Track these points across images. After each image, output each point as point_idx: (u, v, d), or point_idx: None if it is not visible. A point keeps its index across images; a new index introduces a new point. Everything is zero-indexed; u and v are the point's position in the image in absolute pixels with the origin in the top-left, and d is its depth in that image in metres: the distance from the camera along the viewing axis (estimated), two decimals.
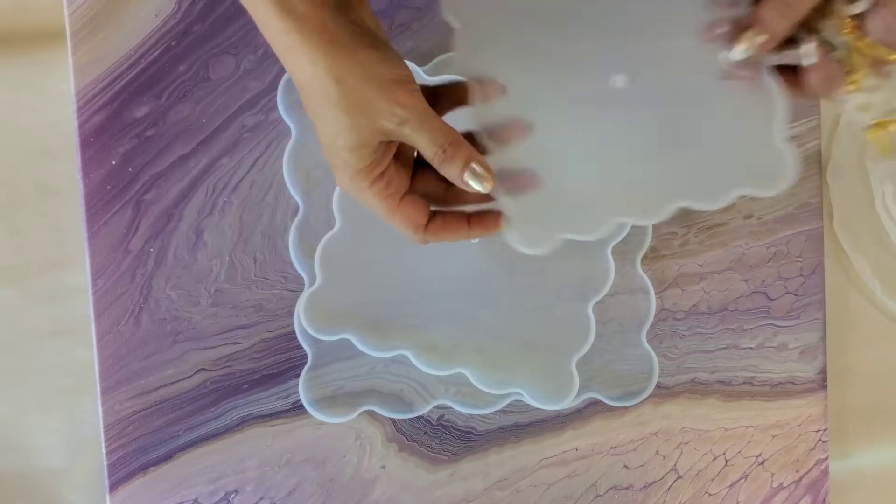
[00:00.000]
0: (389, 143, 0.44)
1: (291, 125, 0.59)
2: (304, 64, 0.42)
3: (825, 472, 0.63)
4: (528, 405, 0.60)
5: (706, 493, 0.62)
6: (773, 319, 0.62)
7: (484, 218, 0.47)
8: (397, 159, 0.45)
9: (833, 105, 0.64)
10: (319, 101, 0.42)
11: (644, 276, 0.61)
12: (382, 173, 0.44)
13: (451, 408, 0.60)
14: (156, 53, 0.59)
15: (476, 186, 0.44)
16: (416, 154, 0.47)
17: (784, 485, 0.62)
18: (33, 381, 0.63)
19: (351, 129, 0.42)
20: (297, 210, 0.60)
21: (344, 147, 0.43)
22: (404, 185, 0.45)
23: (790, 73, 0.45)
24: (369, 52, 0.42)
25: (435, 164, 0.44)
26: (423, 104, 0.43)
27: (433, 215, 0.46)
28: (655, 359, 0.61)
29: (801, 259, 0.62)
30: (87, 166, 0.59)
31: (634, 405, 0.61)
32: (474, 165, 0.44)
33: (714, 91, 0.46)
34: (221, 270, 0.60)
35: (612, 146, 0.47)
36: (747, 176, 0.47)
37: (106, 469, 0.60)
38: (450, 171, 0.44)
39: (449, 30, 0.59)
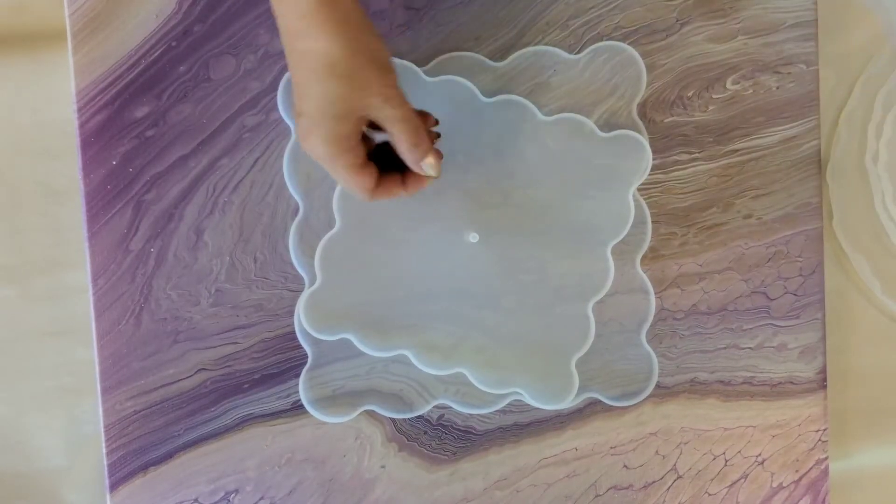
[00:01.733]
0: (362, 118, 0.50)
1: (292, 125, 0.59)
2: (318, 35, 0.47)
3: (825, 471, 0.63)
4: (527, 405, 0.60)
5: (706, 492, 0.62)
6: (772, 319, 0.62)
7: (415, 178, 0.54)
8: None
9: (833, 105, 0.64)
10: (323, 71, 0.47)
11: (644, 275, 0.61)
12: (353, 144, 0.50)
13: (450, 407, 0.60)
14: (156, 54, 0.59)
15: (430, 172, 0.52)
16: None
17: (784, 485, 0.63)
18: (33, 381, 0.63)
19: (346, 100, 0.48)
20: (297, 210, 0.60)
21: (333, 115, 0.48)
22: (364, 154, 0.51)
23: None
24: (375, 37, 0.49)
25: (403, 146, 0.51)
26: (402, 91, 0.50)
27: (379, 184, 0.53)
28: (655, 359, 0.61)
29: (800, 259, 0.62)
30: (88, 166, 0.59)
31: (634, 405, 0.61)
32: (431, 157, 0.52)
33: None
34: (222, 270, 0.60)
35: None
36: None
37: (106, 469, 0.60)
38: (413, 156, 0.51)
39: (448, 30, 0.60)
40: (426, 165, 0.52)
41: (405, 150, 0.51)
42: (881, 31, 0.53)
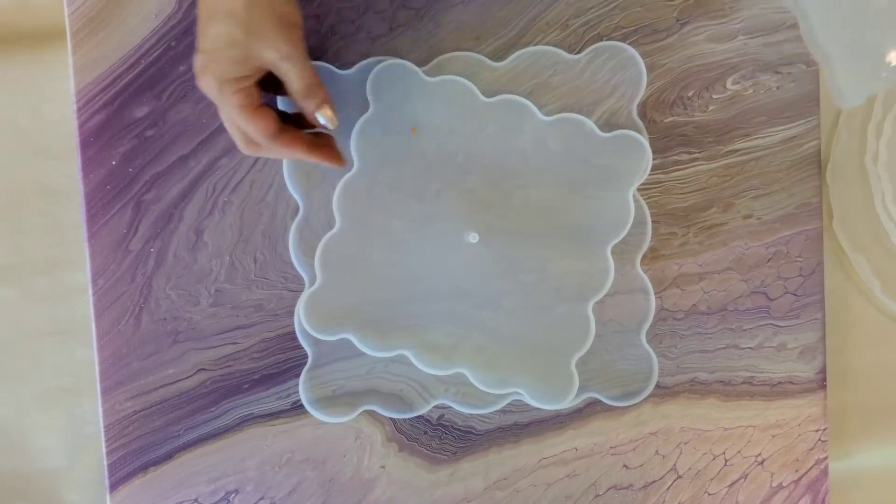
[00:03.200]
0: (259, 67, 0.51)
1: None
2: None
3: (824, 471, 0.63)
4: (527, 405, 0.60)
5: (706, 492, 0.62)
6: (772, 319, 0.62)
7: (325, 149, 0.56)
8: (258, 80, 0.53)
9: (833, 105, 0.64)
10: (221, 14, 0.49)
11: (644, 275, 0.61)
12: (246, 87, 0.51)
13: (451, 407, 0.60)
14: (156, 53, 0.59)
15: (324, 122, 0.54)
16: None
17: (783, 484, 0.63)
18: (33, 381, 0.63)
19: (242, 47, 0.50)
20: (297, 210, 0.60)
21: (229, 58, 0.50)
22: (259, 99, 0.52)
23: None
24: None
25: (297, 97, 0.53)
26: (304, 48, 0.52)
27: (283, 129, 0.54)
28: (655, 359, 0.61)
29: (800, 259, 0.62)
30: (88, 166, 0.59)
31: (634, 405, 0.61)
32: (326, 107, 0.54)
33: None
34: (221, 270, 0.60)
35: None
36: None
37: (106, 469, 0.60)
38: (307, 106, 0.54)
39: (448, 30, 0.60)
40: (320, 115, 0.54)
41: (300, 100, 0.53)
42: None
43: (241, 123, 0.52)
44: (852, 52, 0.56)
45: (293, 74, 0.52)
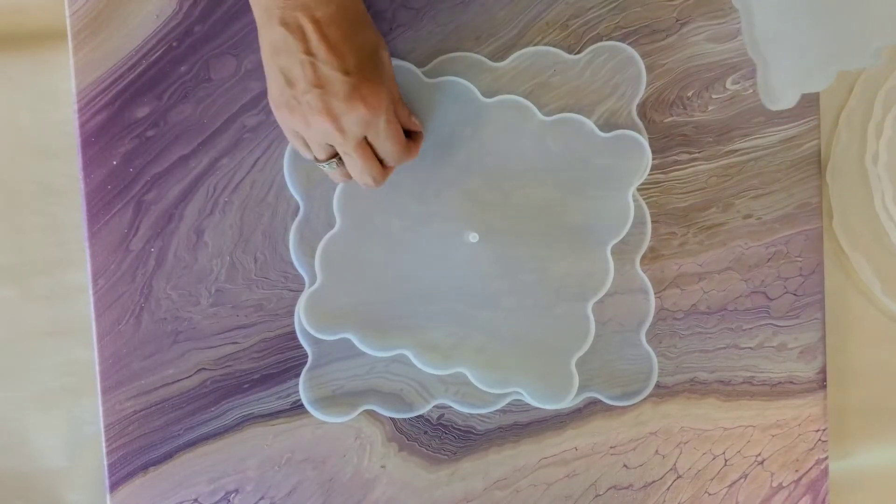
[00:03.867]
0: None
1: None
2: None
3: (825, 471, 0.63)
4: (527, 405, 0.60)
5: (706, 492, 0.62)
6: (772, 319, 0.62)
7: (418, 137, 0.57)
8: None
9: (833, 105, 0.64)
10: (361, 23, 0.48)
11: (643, 275, 0.61)
12: None
13: (451, 407, 0.60)
14: (157, 54, 0.59)
15: (419, 122, 0.56)
16: None
17: (784, 484, 0.63)
18: (33, 381, 0.63)
19: (384, 46, 0.50)
20: (297, 210, 0.60)
21: (385, 62, 0.50)
22: None
23: None
24: None
25: (399, 102, 0.54)
26: None
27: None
28: (655, 358, 0.61)
29: (800, 259, 0.62)
30: (88, 166, 0.59)
31: (634, 405, 0.61)
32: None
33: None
34: (222, 270, 0.60)
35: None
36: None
37: (106, 469, 0.60)
38: (404, 109, 0.55)
39: (448, 30, 0.60)
40: (415, 117, 0.56)
41: (401, 105, 0.54)
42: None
43: (392, 142, 0.51)
44: (790, 50, 0.56)
45: (394, 78, 0.52)
